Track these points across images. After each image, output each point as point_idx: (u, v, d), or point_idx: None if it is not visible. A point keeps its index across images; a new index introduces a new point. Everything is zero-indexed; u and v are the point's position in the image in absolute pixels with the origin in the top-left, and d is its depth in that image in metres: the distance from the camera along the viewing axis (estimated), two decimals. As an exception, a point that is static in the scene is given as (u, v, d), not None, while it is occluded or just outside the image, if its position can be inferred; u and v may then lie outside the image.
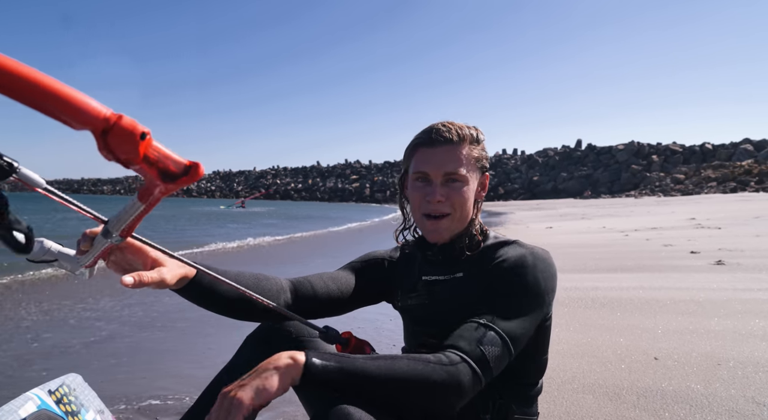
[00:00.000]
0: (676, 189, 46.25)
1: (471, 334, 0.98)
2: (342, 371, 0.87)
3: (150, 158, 0.52)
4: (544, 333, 1.17)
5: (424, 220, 1.19)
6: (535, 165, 78.54)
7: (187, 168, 0.55)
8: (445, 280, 1.20)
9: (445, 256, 1.22)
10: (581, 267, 5.96)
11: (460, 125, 1.18)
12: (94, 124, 0.48)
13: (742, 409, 1.99)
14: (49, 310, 4.65)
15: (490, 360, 0.96)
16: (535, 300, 1.07)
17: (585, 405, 2.12)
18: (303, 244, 12.36)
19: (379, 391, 0.89)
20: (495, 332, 0.98)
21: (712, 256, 6.12)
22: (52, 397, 1.24)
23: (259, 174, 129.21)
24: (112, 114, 0.49)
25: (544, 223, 16.00)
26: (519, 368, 1.15)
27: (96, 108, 0.48)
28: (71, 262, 0.90)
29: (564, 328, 3.27)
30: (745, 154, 54.43)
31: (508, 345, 0.99)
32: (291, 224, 21.26)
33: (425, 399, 0.91)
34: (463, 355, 0.94)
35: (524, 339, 1.04)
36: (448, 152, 1.15)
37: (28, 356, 3.11)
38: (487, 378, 0.96)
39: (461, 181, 1.15)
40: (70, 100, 0.46)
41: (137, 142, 0.50)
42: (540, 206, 35.25)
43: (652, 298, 3.98)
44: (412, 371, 0.89)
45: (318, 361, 0.87)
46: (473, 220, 1.22)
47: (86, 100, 0.47)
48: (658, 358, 2.63)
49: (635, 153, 66.32)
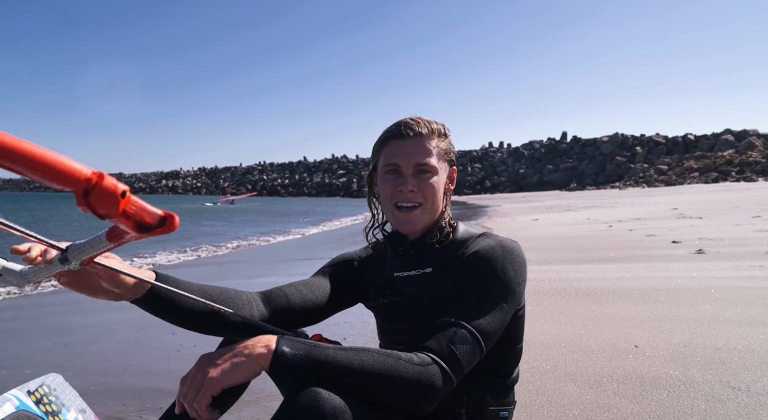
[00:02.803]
0: (659, 180, 46.88)
1: (443, 334, 0.98)
2: (310, 360, 0.89)
3: (128, 212, 0.54)
4: (518, 323, 1.18)
5: (396, 212, 1.19)
6: (522, 158, 79.01)
7: (162, 219, 0.57)
8: (415, 276, 1.21)
9: (416, 251, 1.22)
10: (566, 258, 6.03)
11: (427, 120, 1.21)
12: (76, 186, 0.49)
13: (718, 394, 2.05)
14: (29, 309, 4.59)
15: (462, 359, 0.96)
16: (505, 293, 1.06)
17: (567, 393, 2.16)
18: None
19: (347, 383, 0.89)
20: (466, 330, 0.98)
21: (693, 245, 6.24)
22: (32, 397, 1.24)
23: (245, 170, 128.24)
24: (93, 174, 0.50)
25: (531, 215, 16.14)
26: (493, 360, 1.15)
27: (77, 170, 0.49)
28: (16, 277, 0.86)
29: (547, 318, 3.32)
30: (726, 145, 55.30)
31: (479, 342, 0.99)
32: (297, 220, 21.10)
33: (394, 395, 0.91)
34: (434, 356, 0.94)
35: (496, 333, 1.04)
36: (418, 144, 1.17)
37: (8, 357, 3.08)
38: (459, 377, 0.96)
39: (431, 172, 1.18)
40: (53, 164, 0.47)
41: (118, 200, 0.52)
42: (526, 199, 35.51)
43: (634, 288, 4.05)
44: (381, 366, 0.90)
45: (287, 350, 0.89)
46: (443, 212, 1.24)
47: (67, 163, 0.48)
48: (639, 345, 2.68)
49: (619, 144, 67.05)
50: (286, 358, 0.88)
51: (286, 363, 0.88)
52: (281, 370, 0.88)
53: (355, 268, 1.35)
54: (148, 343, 3.36)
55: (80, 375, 2.73)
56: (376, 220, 1.32)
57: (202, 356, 0.93)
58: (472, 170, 79.07)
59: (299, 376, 0.89)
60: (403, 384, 0.90)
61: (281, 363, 0.88)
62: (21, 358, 3.09)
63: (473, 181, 73.68)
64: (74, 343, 3.42)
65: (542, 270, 5.12)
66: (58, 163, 0.47)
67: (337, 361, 0.89)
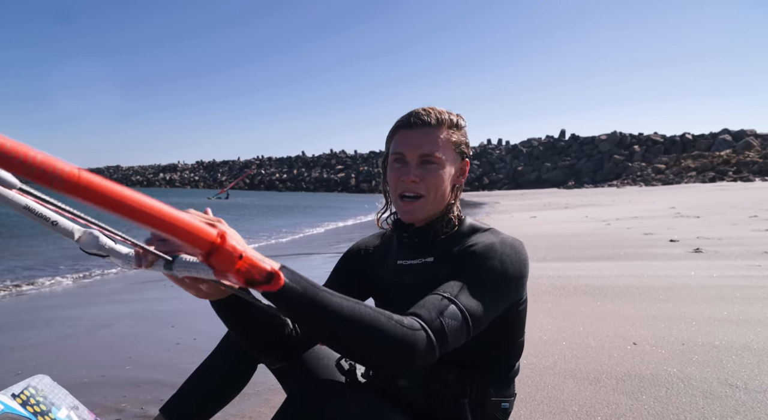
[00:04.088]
0: (657, 178, 47.00)
1: (433, 304, 0.98)
2: (305, 296, 0.83)
3: (241, 270, 0.58)
4: (519, 317, 1.19)
5: (399, 201, 1.20)
6: (520, 155, 79.02)
7: (269, 276, 0.61)
8: (417, 265, 1.21)
9: (420, 240, 1.22)
10: (564, 256, 6.05)
11: (440, 110, 1.20)
12: (202, 247, 0.53)
13: (715, 391, 2.06)
14: (29, 303, 4.59)
15: (449, 333, 0.95)
16: (500, 283, 1.07)
17: (566, 389, 2.18)
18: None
19: (335, 328, 0.87)
20: (456, 307, 0.98)
21: (690, 244, 6.26)
22: (17, 400, 1.25)
23: (243, 164, 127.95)
24: (217, 235, 0.53)
25: (528, 212, 16.17)
26: (497, 353, 1.18)
27: (205, 232, 0.52)
28: (122, 259, 0.91)
29: (546, 315, 3.33)
30: (723, 145, 55.43)
31: (467, 321, 0.98)
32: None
33: (376, 351, 0.90)
34: (423, 323, 0.94)
35: (485, 319, 1.03)
36: (426, 135, 1.16)
37: (5, 352, 3.09)
38: (442, 350, 0.95)
39: (437, 164, 1.16)
40: (183, 227, 0.50)
41: (235, 261, 0.56)
42: (524, 196, 35.56)
43: (632, 286, 4.07)
44: (372, 320, 0.88)
45: (287, 279, 0.81)
46: (451, 205, 1.23)
47: (196, 225, 0.51)
48: (637, 343, 2.70)
49: (618, 143, 67.11)
50: (284, 286, 0.80)
51: (281, 290, 0.80)
52: (274, 297, 0.82)
53: (361, 258, 1.35)
54: (148, 336, 3.36)
55: (80, 368, 2.73)
56: (389, 207, 1.31)
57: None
58: (471, 167, 78.88)
59: (290, 309, 0.84)
60: (388, 341, 0.88)
61: (280, 290, 0.80)
62: (18, 351, 3.09)
63: (471, 178, 73.60)
64: (74, 337, 3.43)
65: (540, 267, 5.14)
66: (188, 225, 0.50)
67: (330, 305, 0.85)
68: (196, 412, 1.33)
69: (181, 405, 1.33)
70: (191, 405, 1.33)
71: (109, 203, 0.44)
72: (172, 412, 1.32)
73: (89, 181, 0.42)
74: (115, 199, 0.45)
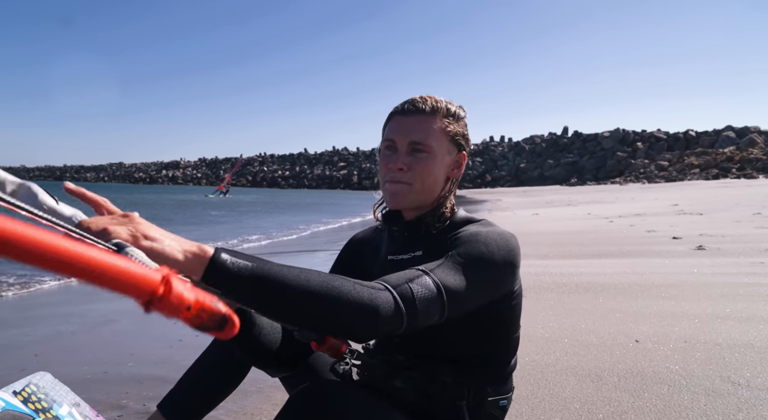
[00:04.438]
0: (660, 175, 46.86)
1: (404, 274, 0.92)
2: (252, 272, 0.76)
3: (190, 317, 0.50)
4: (513, 311, 1.14)
5: (385, 186, 1.15)
6: (522, 152, 78.90)
7: (222, 321, 0.52)
8: (406, 259, 1.16)
9: (410, 233, 1.18)
10: (566, 253, 6.04)
11: (438, 99, 1.15)
12: (140, 297, 0.44)
13: (718, 388, 2.06)
14: (30, 300, 4.60)
15: (417, 299, 0.87)
16: (482, 266, 1.00)
17: (568, 386, 2.17)
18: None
19: (289, 300, 0.79)
20: (431, 278, 0.91)
21: (693, 241, 6.24)
22: (18, 397, 1.25)
23: (245, 161, 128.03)
24: (161, 282, 0.44)
25: (531, 209, 16.14)
26: (492, 349, 1.16)
27: (145, 279, 0.43)
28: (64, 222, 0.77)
29: (548, 312, 3.33)
30: (727, 141, 55.23)
31: (442, 294, 0.91)
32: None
33: (332, 316, 0.82)
34: (389, 285, 0.87)
35: (464, 299, 0.96)
36: (419, 122, 1.11)
37: (5, 349, 3.10)
38: (411, 318, 0.87)
39: (427, 153, 1.11)
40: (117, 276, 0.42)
41: (182, 312, 0.47)
42: (527, 193, 35.50)
43: (635, 283, 4.06)
44: (327, 285, 0.81)
45: (227, 257, 0.75)
46: (444, 198, 1.17)
47: (133, 272, 0.43)
48: (639, 340, 2.69)
49: (620, 140, 66.93)
50: (224, 265, 0.74)
51: (224, 271, 0.74)
52: (216, 278, 0.74)
53: (357, 251, 1.35)
54: (150, 333, 3.37)
55: (82, 364, 2.74)
56: (384, 197, 1.25)
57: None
58: (473, 164, 78.95)
59: (236, 290, 0.76)
60: (347, 304, 0.81)
61: (219, 271, 0.74)
62: (22, 347, 3.10)
63: (473, 175, 73.58)
64: (77, 333, 3.44)
65: (543, 264, 5.13)
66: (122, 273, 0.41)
67: (280, 277, 0.78)
68: (193, 407, 1.32)
69: (179, 401, 1.33)
70: (189, 401, 1.33)
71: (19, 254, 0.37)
72: (169, 409, 1.31)
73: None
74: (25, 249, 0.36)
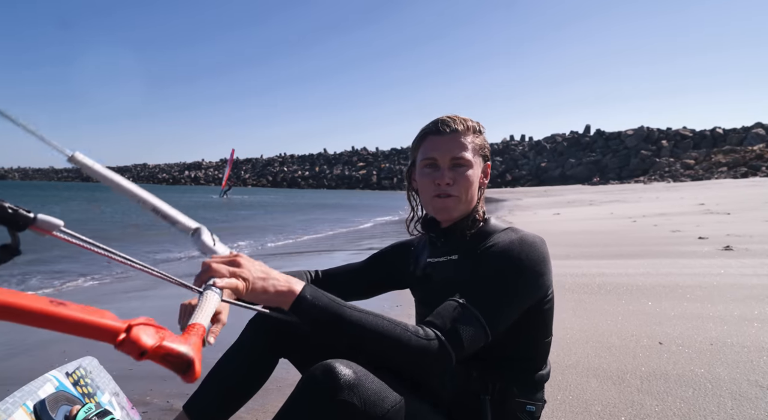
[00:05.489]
0: (685, 174, 45.82)
1: (448, 312, 1.04)
2: (327, 310, 0.96)
3: (152, 359, 0.61)
4: (544, 316, 1.20)
5: (433, 201, 1.26)
6: (543, 151, 78.01)
7: (185, 368, 0.63)
8: (443, 262, 1.28)
9: (446, 239, 1.30)
10: (588, 253, 5.96)
11: (463, 117, 1.29)
12: (106, 341, 0.57)
13: (745, 393, 2.01)
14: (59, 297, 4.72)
15: (464, 340, 1.01)
16: (518, 283, 1.10)
17: (589, 389, 2.15)
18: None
19: (355, 341, 0.97)
20: (471, 313, 1.03)
21: (720, 241, 6.09)
22: (70, 379, 1.28)
23: (266, 162, 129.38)
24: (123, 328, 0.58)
25: (552, 209, 15.95)
26: (519, 351, 1.18)
27: (107, 327, 0.57)
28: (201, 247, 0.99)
29: (570, 314, 3.29)
30: (756, 139, 53.71)
31: (483, 326, 1.03)
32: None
33: (395, 361, 0.98)
34: (438, 332, 1.00)
35: (503, 321, 1.08)
36: (454, 140, 1.24)
37: (40, 340, 3.19)
38: (459, 355, 1.01)
39: (467, 166, 1.24)
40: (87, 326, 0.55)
41: (137, 357, 0.59)
42: (548, 193, 35.08)
43: (658, 284, 3.99)
44: (389, 332, 0.97)
45: (309, 296, 0.96)
46: (477, 204, 1.29)
47: (97, 323, 0.57)
48: (663, 342, 2.64)
49: (645, 138, 65.68)
50: (306, 301, 0.95)
51: (305, 305, 0.95)
52: (299, 312, 0.95)
53: (402, 254, 1.48)
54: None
55: (107, 360, 2.79)
56: (416, 213, 1.41)
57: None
58: (493, 163, 78.32)
59: (312, 323, 0.96)
60: (406, 353, 0.96)
61: (300, 305, 0.95)
62: (53, 341, 3.19)
63: (494, 175, 72.98)
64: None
65: (564, 265, 5.07)
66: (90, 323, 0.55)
67: (350, 319, 0.96)
68: (218, 410, 1.35)
69: (204, 403, 1.35)
70: (214, 403, 1.35)
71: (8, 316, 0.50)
72: (195, 411, 1.34)
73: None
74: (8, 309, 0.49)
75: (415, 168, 1.33)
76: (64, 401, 1.18)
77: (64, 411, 1.16)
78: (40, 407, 1.12)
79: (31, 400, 1.13)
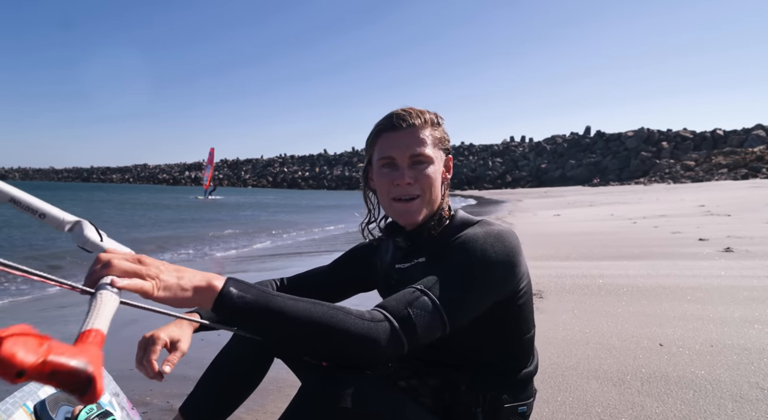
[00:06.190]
0: (686, 176, 45.83)
1: (402, 296, 0.96)
2: (257, 305, 0.85)
3: (35, 378, 0.47)
4: (520, 311, 1.13)
5: (394, 205, 1.18)
6: (543, 152, 78.04)
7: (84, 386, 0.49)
8: (410, 267, 1.20)
9: (413, 243, 1.22)
10: (588, 254, 5.95)
11: (420, 109, 1.19)
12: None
13: (746, 394, 2.01)
14: (55, 300, 4.72)
15: (417, 324, 0.93)
16: (481, 274, 1.02)
17: (589, 390, 2.15)
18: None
19: (292, 333, 0.87)
20: (428, 298, 0.96)
21: (720, 243, 6.09)
22: None
23: (266, 162, 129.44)
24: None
25: (552, 210, 15.95)
26: (502, 352, 1.15)
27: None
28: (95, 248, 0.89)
29: (569, 315, 3.29)
30: (757, 140, 53.73)
31: (440, 313, 0.95)
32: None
33: (337, 348, 0.89)
34: (388, 314, 0.92)
35: (464, 312, 1.00)
36: (412, 135, 1.15)
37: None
38: (412, 342, 0.93)
39: (427, 162, 1.16)
40: None
41: (13, 379, 0.45)
42: (548, 194, 35.09)
43: (659, 286, 3.98)
44: (329, 319, 0.88)
45: (234, 291, 0.85)
46: (442, 201, 1.22)
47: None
48: (663, 344, 2.64)
49: (645, 140, 65.69)
50: (231, 300, 0.84)
51: (232, 304, 0.84)
52: (224, 310, 0.84)
53: (361, 258, 1.41)
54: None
55: (108, 361, 2.79)
56: (372, 215, 1.32)
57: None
58: (493, 165, 78.42)
59: (243, 321, 0.86)
60: (348, 337, 0.88)
61: (225, 303, 0.84)
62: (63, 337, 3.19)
63: (494, 176, 73.11)
64: (112, 329, 3.52)
65: (564, 266, 5.06)
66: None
67: (283, 310, 0.86)
68: (215, 410, 1.33)
69: (200, 405, 1.33)
70: (210, 404, 1.33)
71: None
72: (191, 413, 1.32)
73: None
74: None
75: (372, 167, 1.23)
76: (65, 401, 1.18)
77: (65, 411, 1.15)
78: (40, 407, 1.12)
79: (31, 401, 1.13)
